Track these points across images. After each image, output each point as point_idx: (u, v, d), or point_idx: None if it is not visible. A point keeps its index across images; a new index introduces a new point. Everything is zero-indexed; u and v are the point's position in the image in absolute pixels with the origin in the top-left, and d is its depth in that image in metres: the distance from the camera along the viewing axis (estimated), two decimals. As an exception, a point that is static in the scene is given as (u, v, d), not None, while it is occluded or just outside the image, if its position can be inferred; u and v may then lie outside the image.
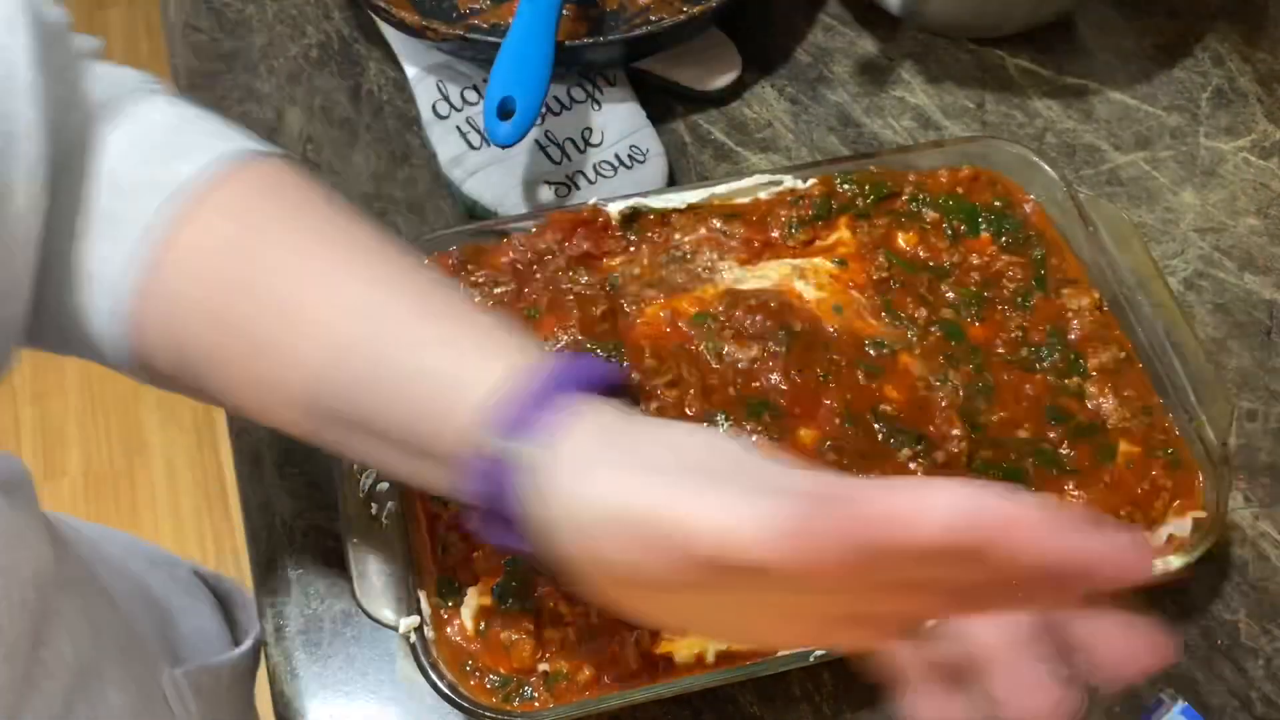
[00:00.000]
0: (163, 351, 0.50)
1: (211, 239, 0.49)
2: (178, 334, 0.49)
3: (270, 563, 0.67)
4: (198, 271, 0.48)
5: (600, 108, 0.83)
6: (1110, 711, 0.63)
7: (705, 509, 0.36)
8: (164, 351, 0.50)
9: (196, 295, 0.48)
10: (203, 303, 0.48)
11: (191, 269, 0.48)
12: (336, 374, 0.47)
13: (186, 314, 0.49)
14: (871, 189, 0.75)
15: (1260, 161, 0.86)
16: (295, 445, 0.70)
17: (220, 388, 0.50)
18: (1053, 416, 0.67)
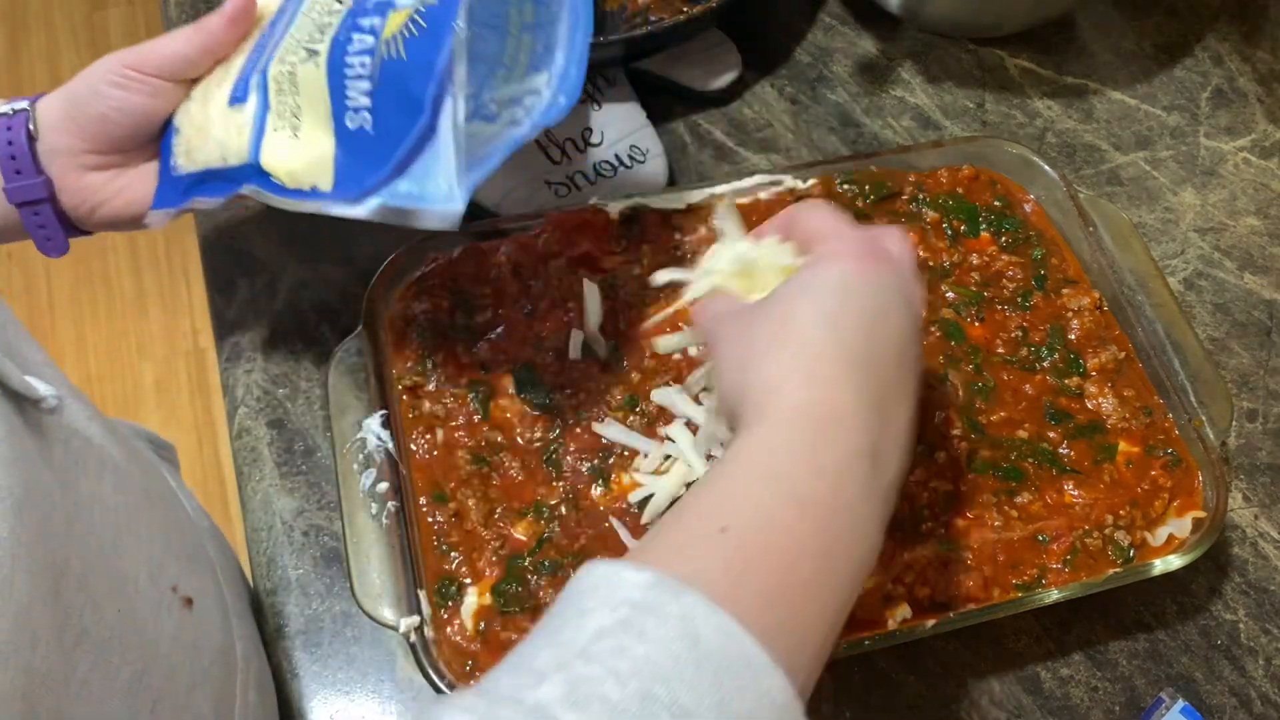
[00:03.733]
0: None
1: None
2: None
3: (270, 563, 0.67)
4: None
5: (600, 108, 0.83)
6: (1110, 710, 0.63)
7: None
8: None
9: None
10: None
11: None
12: None
13: None
14: (872, 189, 0.75)
15: (1260, 161, 0.86)
16: (295, 446, 0.71)
17: None
18: (1052, 416, 0.67)
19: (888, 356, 0.47)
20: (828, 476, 0.43)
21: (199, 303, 1.95)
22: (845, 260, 0.49)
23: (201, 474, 1.80)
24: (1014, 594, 0.61)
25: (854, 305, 0.47)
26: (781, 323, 0.47)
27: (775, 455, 0.44)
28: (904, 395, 0.47)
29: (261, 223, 0.80)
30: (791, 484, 0.43)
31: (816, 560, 0.42)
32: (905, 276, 0.50)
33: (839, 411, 0.45)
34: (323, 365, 0.73)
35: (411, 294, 0.70)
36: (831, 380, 0.45)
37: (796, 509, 0.42)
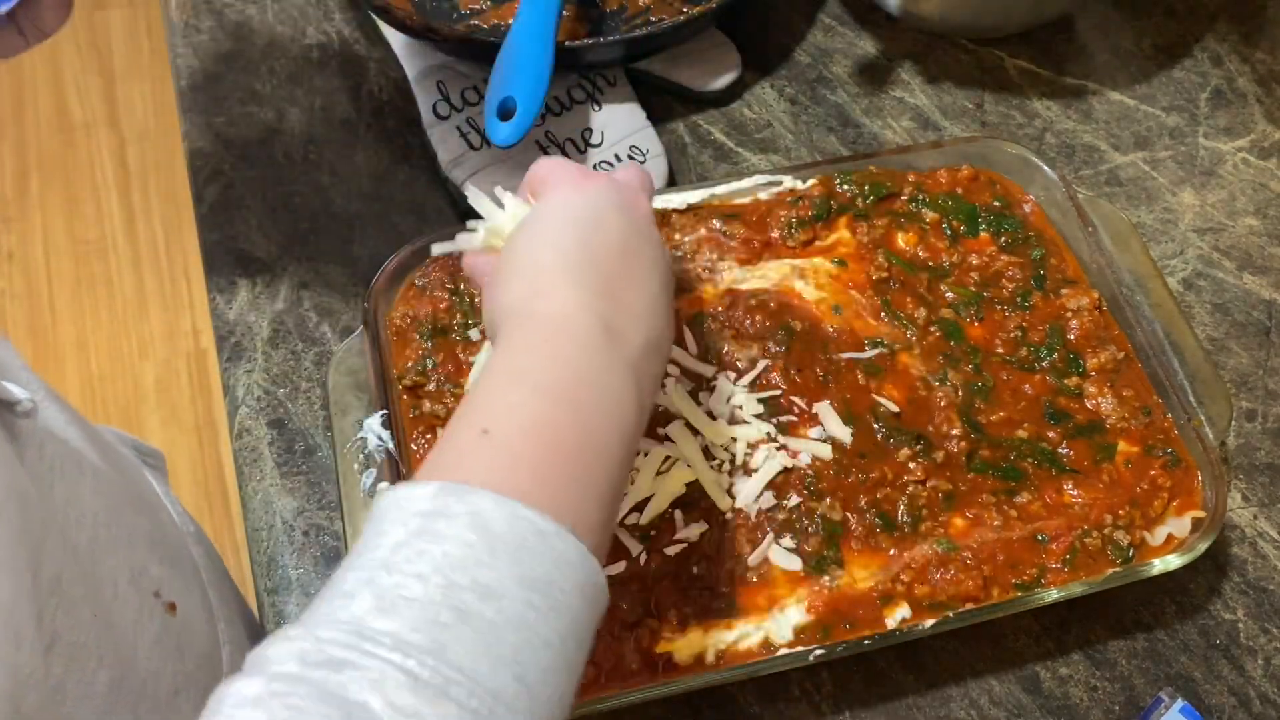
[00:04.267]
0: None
1: None
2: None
3: (271, 562, 0.67)
4: None
5: (600, 108, 0.83)
6: (1109, 710, 0.63)
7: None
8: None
9: None
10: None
11: None
12: None
13: None
14: (871, 189, 0.75)
15: (1259, 161, 0.86)
16: (296, 446, 0.71)
17: None
18: (1052, 416, 0.67)
19: (609, 251, 0.53)
20: (563, 360, 0.49)
21: (199, 303, 1.96)
22: (557, 189, 0.56)
23: (202, 474, 1.80)
24: (1013, 594, 0.61)
25: (567, 219, 0.54)
26: (510, 255, 0.54)
27: (519, 356, 0.50)
28: (635, 278, 0.54)
29: (263, 223, 0.80)
30: (535, 376, 0.48)
31: (575, 433, 0.47)
32: (620, 186, 0.57)
33: (565, 307, 0.51)
34: (323, 365, 0.74)
35: (412, 294, 0.70)
36: (554, 286, 0.51)
37: (545, 398, 0.47)
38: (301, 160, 0.83)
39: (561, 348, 0.49)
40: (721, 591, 0.60)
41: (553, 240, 0.53)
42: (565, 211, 0.54)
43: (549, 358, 0.49)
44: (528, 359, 0.49)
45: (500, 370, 0.49)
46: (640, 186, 0.59)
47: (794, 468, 0.64)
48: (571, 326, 0.50)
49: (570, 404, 0.47)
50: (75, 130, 2.17)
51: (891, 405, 0.67)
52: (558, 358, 0.49)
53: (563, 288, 0.51)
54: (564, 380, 0.48)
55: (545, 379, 0.48)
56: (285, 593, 0.66)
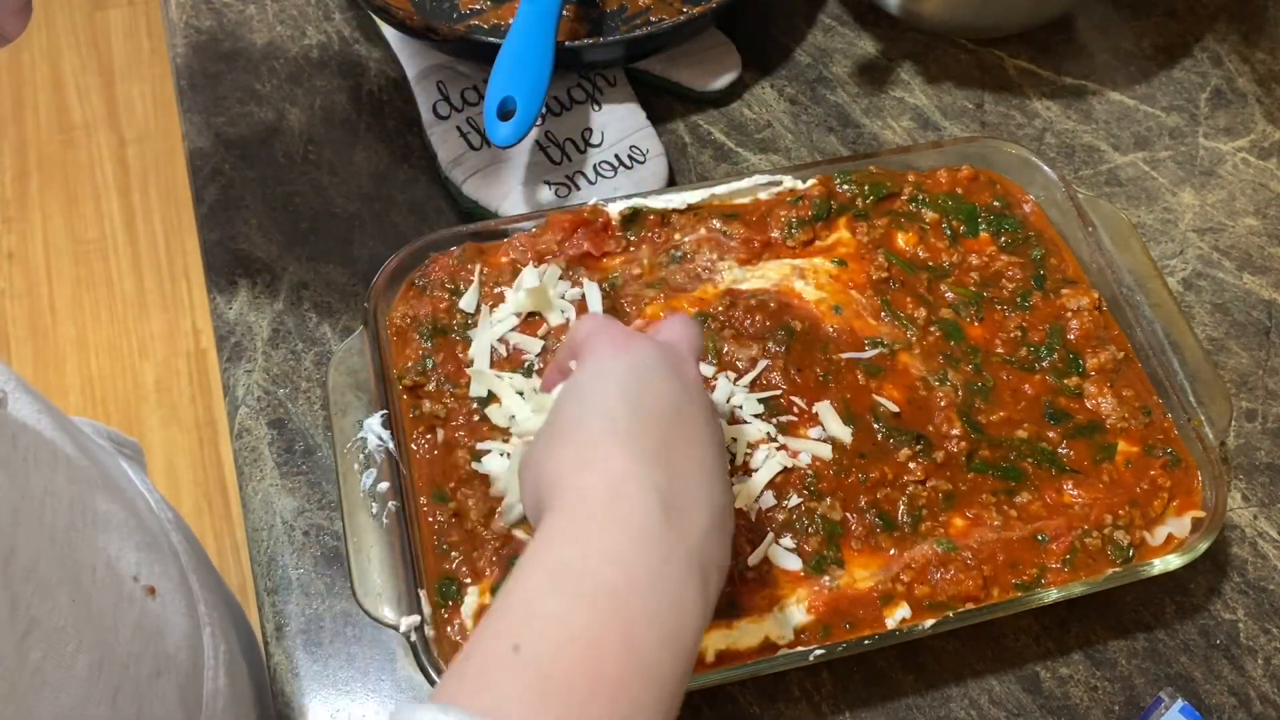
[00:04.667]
0: None
1: None
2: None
3: (271, 562, 0.67)
4: None
5: (600, 108, 0.83)
6: (1109, 710, 0.63)
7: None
8: None
9: None
10: None
11: None
12: None
13: None
14: (871, 189, 0.75)
15: (1259, 162, 0.86)
16: (296, 445, 0.71)
17: None
18: (1051, 416, 0.67)
19: (660, 415, 0.48)
20: (612, 556, 0.43)
21: (200, 303, 1.96)
22: (599, 351, 0.51)
23: (202, 474, 1.80)
24: (1013, 593, 0.61)
25: (612, 383, 0.48)
26: (554, 423, 0.49)
27: (562, 548, 0.43)
28: (690, 440, 0.48)
29: (263, 223, 0.80)
30: (579, 579, 0.42)
31: (621, 654, 0.41)
32: (665, 348, 0.52)
33: (617, 480, 0.45)
34: (323, 365, 0.74)
35: (412, 294, 0.70)
36: (605, 456, 0.46)
37: (588, 607, 0.41)
38: (301, 160, 0.83)
39: (612, 536, 0.43)
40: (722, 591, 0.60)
41: (600, 406, 0.47)
42: (611, 376, 0.49)
43: (596, 552, 0.43)
44: (571, 551, 0.43)
45: (539, 565, 0.43)
46: (688, 347, 0.54)
47: (794, 468, 0.64)
48: (625, 505, 0.44)
49: (617, 615, 0.41)
50: (75, 130, 2.17)
51: (891, 405, 0.67)
52: (607, 552, 0.43)
53: (614, 456, 0.45)
54: (612, 584, 0.42)
55: (589, 583, 0.42)
56: (285, 593, 0.66)
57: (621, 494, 0.44)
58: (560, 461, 0.47)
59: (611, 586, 0.42)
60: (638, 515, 0.44)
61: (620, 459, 0.45)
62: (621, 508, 0.44)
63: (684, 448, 0.47)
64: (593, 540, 0.43)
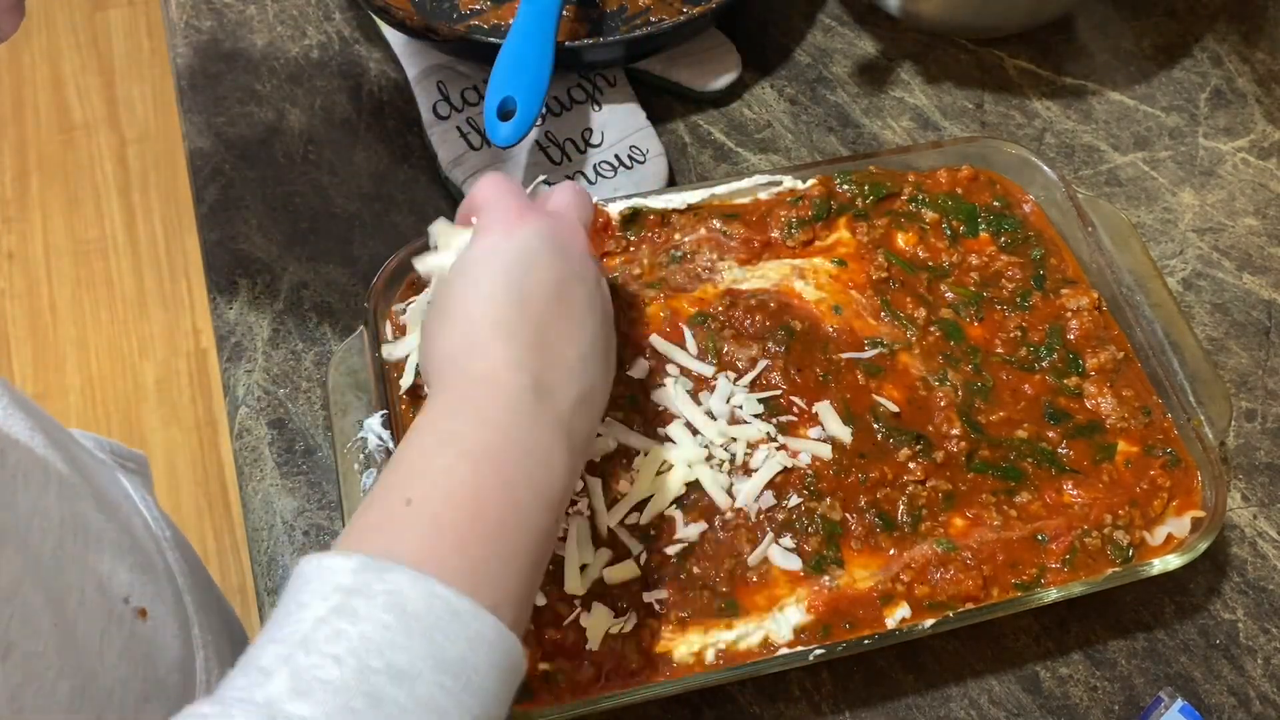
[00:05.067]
0: None
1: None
2: None
3: (271, 562, 0.67)
4: None
5: (600, 108, 0.83)
6: (1109, 710, 0.63)
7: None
8: None
9: None
10: None
11: None
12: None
13: None
14: (871, 189, 0.75)
15: (1259, 162, 0.86)
16: (296, 445, 0.71)
17: None
18: (1051, 416, 0.67)
19: (542, 298, 0.53)
20: (491, 424, 0.49)
21: (200, 303, 1.96)
22: (490, 231, 0.56)
23: (202, 474, 1.80)
24: (1013, 593, 0.61)
25: (499, 267, 0.54)
26: (444, 302, 0.55)
27: (446, 418, 0.50)
28: (569, 325, 0.54)
29: (263, 223, 0.80)
30: (461, 441, 0.48)
31: (500, 502, 0.47)
32: (556, 224, 0.57)
33: (497, 366, 0.51)
34: (323, 365, 0.74)
35: (412, 294, 0.70)
36: (485, 342, 0.52)
37: (470, 464, 0.47)
38: (301, 160, 0.84)
39: (489, 411, 0.50)
40: (721, 591, 0.60)
41: (485, 290, 0.53)
42: (497, 258, 0.54)
43: (477, 422, 0.49)
44: (455, 422, 0.49)
45: (428, 431, 0.50)
46: (577, 217, 0.59)
47: (794, 468, 0.64)
48: (501, 389, 0.50)
49: (496, 471, 0.47)
50: (75, 130, 2.18)
51: (891, 405, 0.67)
52: (486, 422, 0.49)
53: (493, 343, 0.52)
54: (491, 445, 0.48)
55: (471, 444, 0.48)
56: (285, 593, 0.66)
57: (500, 378, 0.50)
58: (450, 343, 0.53)
59: (489, 447, 0.48)
60: (511, 396, 0.50)
61: (500, 349, 0.51)
62: (497, 390, 0.50)
63: (561, 330, 0.53)
64: (472, 413, 0.50)
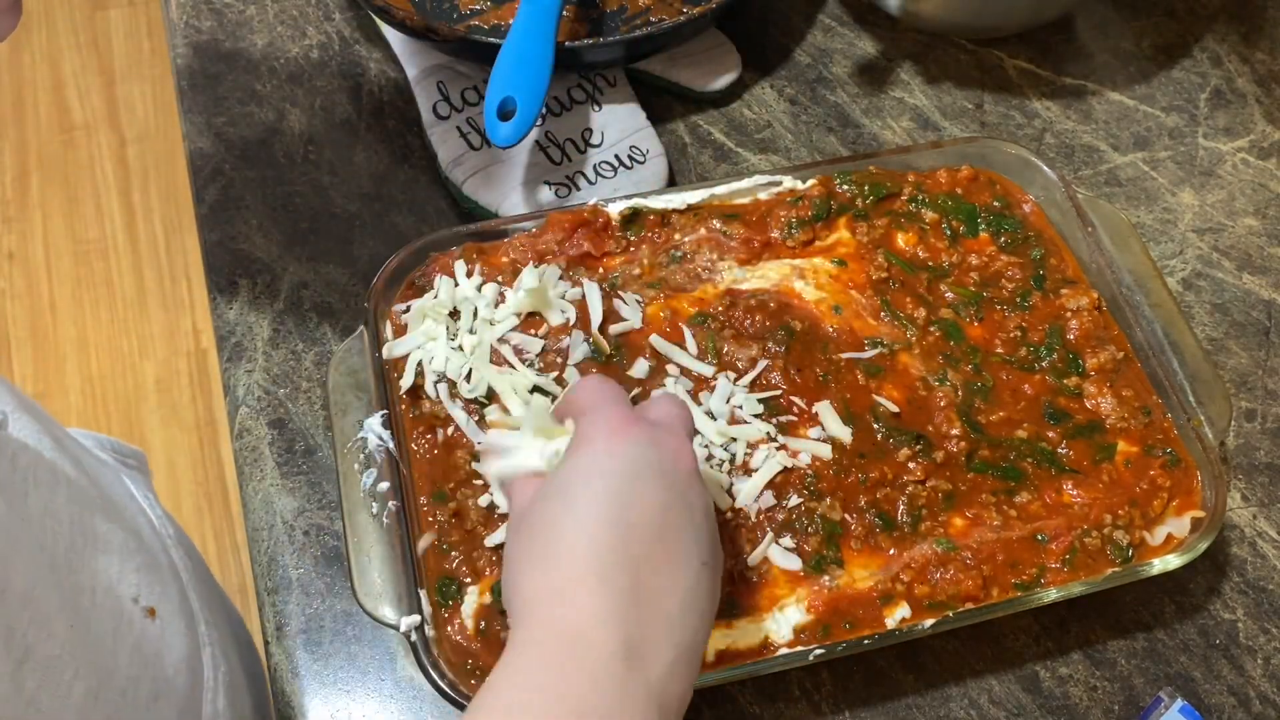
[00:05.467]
0: None
1: None
2: None
3: (271, 562, 0.67)
4: None
5: (600, 108, 0.83)
6: (1109, 710, 0.63)
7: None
8: None
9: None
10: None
11: None
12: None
13: None
14: (871, 189, 0.75)
15: (1259, 162, 0.86)
16: (296, 445, 0.71)
17: None
18: (1051, 416, 0.67)
19: (643, 534, 0.47)
20: (572, 699, 0.43)
21: (200, 303, 1.96)
22: (590, 442, 0.50)
23: (203, 474, 1.80)
24: (1013, 593, 0.61)
25: (600, 490, 0.48)
26: (532, 535, 0.49)
27: (520, 688, 0.44)
28: (670, 569, 0.47)
29: (263, 223, 0.80)
30: (541, 707, 0.43)
31: None
32: (660, 440, 0.51)
33: (581, 619, 0.45)
34: (323, 365, 0.74)
35: (412, 294, 0.70)
36: (575, 587, 0.46)
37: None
38: (301, 160, 0.84)
39: (571, 680, 0.44)
40: (721, 591, 0.60)
41: (585, 519, 0.47)
42: (599, 481, 0.48)
43: (554, 694, 0.44)
44: (529, 694, 0.44)
45: (495, 703, 0.44)
46: (681, 426, 0.53)
47: (794, 468, 0.64)
48: (586, 651, 0.45)
49: None
50: (75, 130, 2.18)
51: (891, 405, 0.67)
52: (564, 697, 0.44)
53: (585, 591, 0.46)
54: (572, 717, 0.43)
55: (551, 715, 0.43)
56: (285, 593, 0.66)
57: (588, 637, 0.45)
58: (537, 582, 0.47)
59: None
60: (597, 661, 0.44)
61: (591, 601, 0.45)
62: (583, 653, 0.44)
63: (662, 574, 0.47)
64: (551, 682, 0.44)
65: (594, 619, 0.45)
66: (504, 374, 0.66)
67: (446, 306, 0.68)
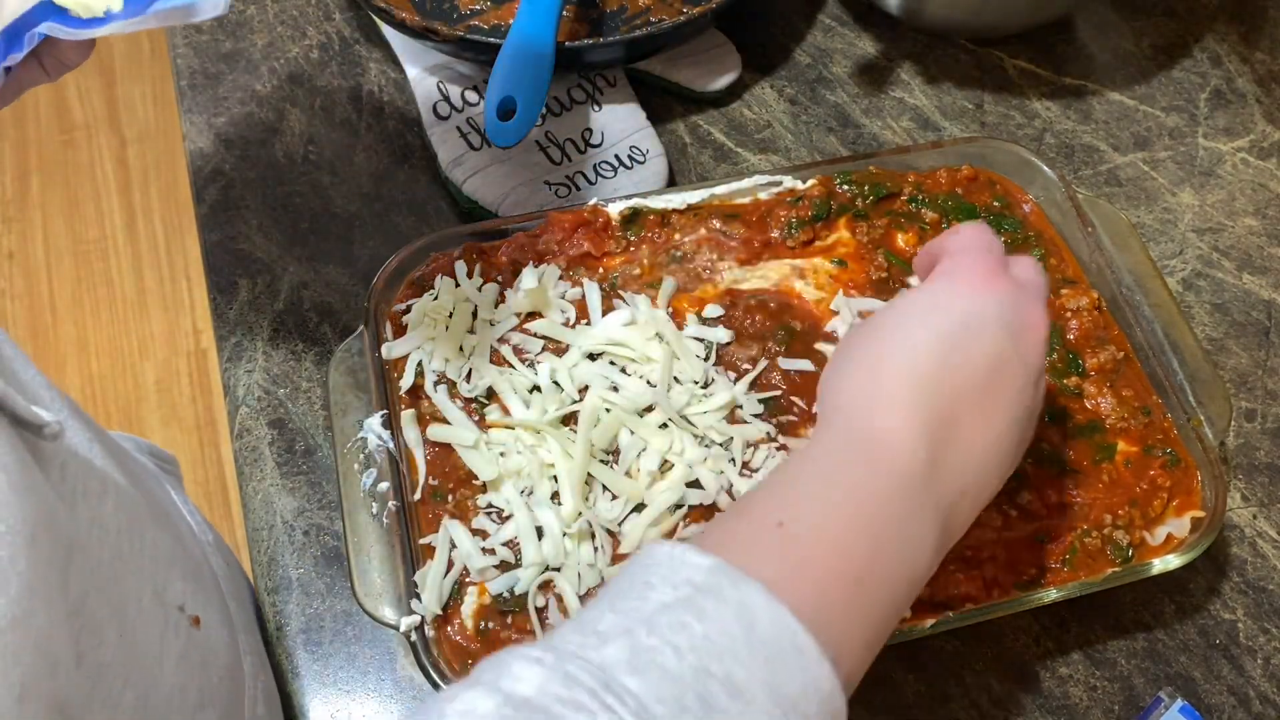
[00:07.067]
0: None
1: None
2: None
3: (271, 562, 0.67)
4: None
5: (600, 108, 0.83)
6: (1109, 710, 0.63)
7: None
8: None
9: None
10: None
11: None
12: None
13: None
14: (871, 189, 0.75)
15: (1258, 162, 0.86)
16: (296, 445, 0.71)
17: None
18: (1051, 416, 0.67)
19: (970, 372, 0.49)
20: (875, 492, 0.46)
21: (200, 303, 1.96)
22: (951, 278, 0.52)
23: (203, 474, 1.80)
24: (1013, 593, 0.61)
25: (940, 321, 0.50)
26: (865, 336, 0.51)
27: (836, 464, 0.47)
28: (989, 411, 0.49)
29: (263, 223, 0.80)
30: (844, 491, 0.46)
31: (865, 565, 0.44)
32: (1019, 300, 0.52)
33: (893, 427, 0.47)
34: (324, 365, 0.74)
35: (412, 294, 0.70)
36: (893, 396, 0.48)
37: (848, 513, 0.45)
38: (301, 160, 0.84)
39: (879, 477, 0.46)
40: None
41: (918, 339, 0.49)
42: (941, 313, 0.50)
43: (862, 483, 0.46)
44: (843, 472, 0.47)
45: (813, 468, 0.47)
46: (1041, 297, 0.54)
47: (794, 468, 0.64)
48: (895, 456, 0.47)
49: (870, 536, 0.45)
50: (75, 130, 2.18)
51: (891, 405, 0.67)
52: (873, 488, 0.46)
53: (901, 408, 0.48)
54: (870, 510, 0.45)
55: (853, 501, 0.46)
56: (285, 593, 0.66)
57: (897, 443, 0.47)
58: (858, 384, 0.49)
59: (869, 512, 0.45)
60: (903, 470, 0.46)
61: (906, 413, 0.47)
62: (892, 458, 0.47)
63: (978, 413, 0.49)
64: (861, 471, 0.46)
65: (906, 428, 0.47)
66: (504, 374, 0.66)
67: (446, 307, 0.68)
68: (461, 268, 0.70)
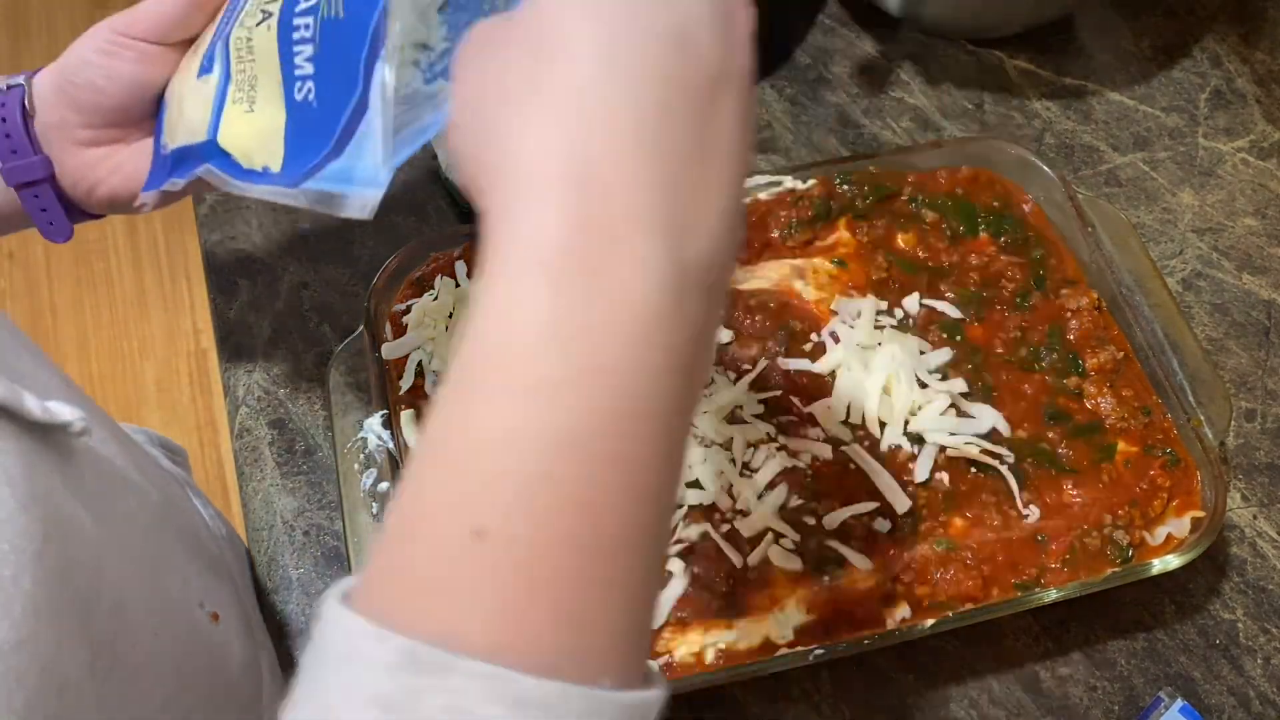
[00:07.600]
0: None
1: None
2: None
3: (271, 562, 0.67)
4: None
5: (600, 108, 0.83)
6: (1109, 710, 0.63)
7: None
8: None
9: None
10: None
11: None
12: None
13: None
14: (871, 189, 0.75)
15: (1258, 162, 0.86)
16: (297, 445, 0.71)
17: None
18: (1051, 416, 0.67)
19: (687, 107, 0.31)
20: (611, 368, 0.28)
21: (200, 303, 1.96)
22: None
23: (204, 474, 1.80)
24: (1013, 593, 0.61)
25: (643, 39, 0.32)
26: (538, 47, 0.31)
27: (531, 351, 0.28)
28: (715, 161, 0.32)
29: (263, 223, 0.80)
30: (561, 399, 0.28)
31: (621, 509, 0.28)
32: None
33: (616, 215, 0.29)
34: (324, 365, 0.74)
35: (412, 294, 0.70)
36: (602, 158, 0.29)
37: (579, 457, 0.28)
38: (302, 160, 0.83)
39: (611, 333, 0.28)
40: (721, 592, 0.60)
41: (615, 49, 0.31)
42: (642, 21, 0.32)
43: (591, 363, 0.28)
44: (552, 358, 0.28)
45: (505, 376, 0.29)
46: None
47: (794, 468, 0.64)
48: (622, 267, 0.29)
49: (620, 461, 0.28)
50: (75, 130, 2.17)
51: (891, 405, 0.67)
52: (604, 367, 0.28)
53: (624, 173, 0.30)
54: (616, 411, 0.28)
55: (578, 414, 0.28)
56: (285, 593, 0.66)
57: (620, 239, 0.28)
58: (536, 136, 0.29)
59: (615, 415, 0.28)
60: (638, 286, 0.29)
61: (623, 171, 0.29)
62: (616, 271, 0.28)
63: (704, 164, 0.32)
64: (579, 332, 0.28)
65: (637, 212, 0.29)
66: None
67: (446, 307, 0.68)
68: (461, 268, 0.70)
